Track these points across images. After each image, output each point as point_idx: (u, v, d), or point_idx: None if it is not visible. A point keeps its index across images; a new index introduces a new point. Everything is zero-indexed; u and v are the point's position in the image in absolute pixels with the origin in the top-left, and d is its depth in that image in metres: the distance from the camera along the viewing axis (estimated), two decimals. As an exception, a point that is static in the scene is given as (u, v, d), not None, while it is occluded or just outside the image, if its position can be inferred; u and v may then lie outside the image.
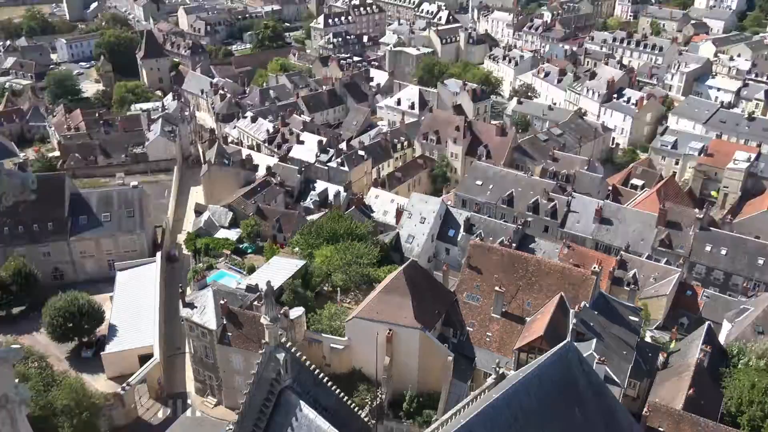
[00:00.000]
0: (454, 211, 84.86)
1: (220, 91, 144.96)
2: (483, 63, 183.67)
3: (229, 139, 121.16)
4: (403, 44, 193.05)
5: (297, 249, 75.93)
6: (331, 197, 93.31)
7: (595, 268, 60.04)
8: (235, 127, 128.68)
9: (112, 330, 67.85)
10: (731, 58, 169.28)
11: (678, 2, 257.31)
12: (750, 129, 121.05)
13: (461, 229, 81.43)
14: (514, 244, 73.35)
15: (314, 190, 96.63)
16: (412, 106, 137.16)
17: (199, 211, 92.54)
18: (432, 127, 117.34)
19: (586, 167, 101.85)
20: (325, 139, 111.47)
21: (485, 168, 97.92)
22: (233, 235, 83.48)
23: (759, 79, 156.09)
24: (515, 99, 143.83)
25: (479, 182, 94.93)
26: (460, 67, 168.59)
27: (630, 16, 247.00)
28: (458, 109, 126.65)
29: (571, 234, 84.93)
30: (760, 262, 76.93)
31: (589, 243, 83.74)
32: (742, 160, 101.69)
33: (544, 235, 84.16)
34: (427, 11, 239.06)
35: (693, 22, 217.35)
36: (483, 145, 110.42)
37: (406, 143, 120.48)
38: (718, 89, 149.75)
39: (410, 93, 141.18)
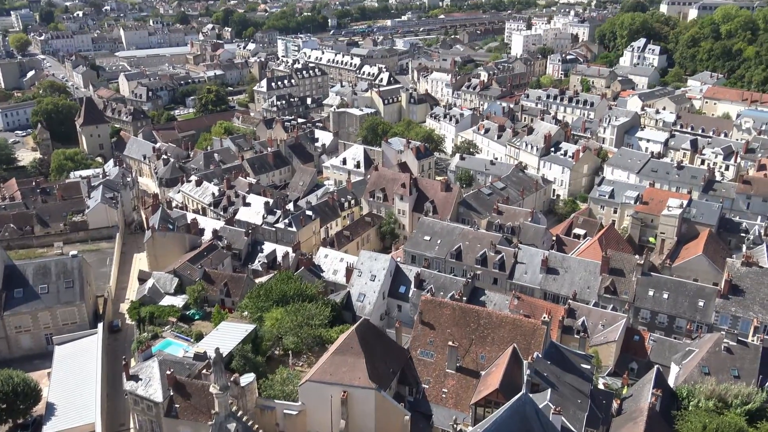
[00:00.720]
0: (404, 267, 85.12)
1: (163, 156, 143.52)
2: (425, 121, 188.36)
3: (174, 204, 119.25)
4: (346, 105, 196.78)
5: (246, 313, 74.24)
6: (279, 258, 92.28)
7: (545, 317, 60.86)
8: (179, 192, 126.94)
9: (51, 409, 63.91)
10: (657, 111, 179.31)
11: (604, 60, 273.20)
12: (680, 177, 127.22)
13: (412, 285, 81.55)
14: (464, 298, 73.80)
15: (262, 252, 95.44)
16: (357, 165, 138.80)
17: (142, 278, 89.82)
18: (378, 184, 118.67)
19: (530, 219, 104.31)
20: (271, 201, 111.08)
21: (432, 223, 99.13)
22: (179, 301, 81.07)
23: (684, 130, 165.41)
24: (458, 155, 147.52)
25: (427, 237, 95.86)
26: (403, 126, 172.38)
27: (561, 74, 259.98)
28: (403, 167, 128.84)
29: (520, 285, 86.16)
30: (701, 304, 79.53)
31: (537, 293, 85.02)
32: (676, 207, 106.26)
33: (494, 287, 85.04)
34: (369, 73, 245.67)
35: (620, 78, 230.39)
36: (429, 201, 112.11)
37: (353, 202, 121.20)
38: (648, 140, 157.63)
39: (355, 152, 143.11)
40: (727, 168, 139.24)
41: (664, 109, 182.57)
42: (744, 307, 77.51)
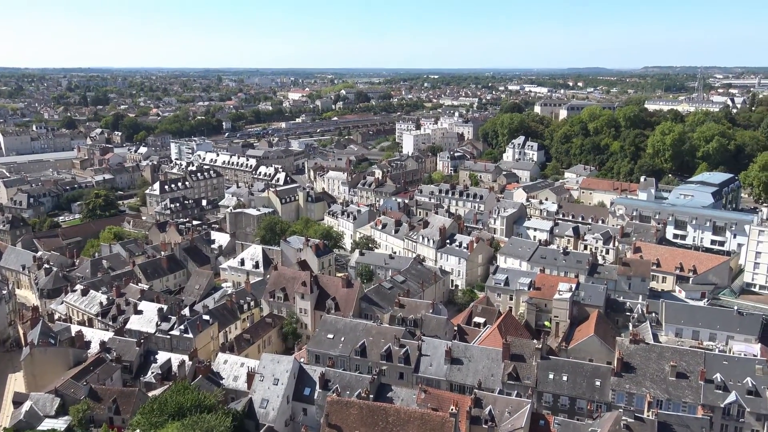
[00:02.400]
0: (308, 368, 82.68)
1: (45, 265, 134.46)
2: (323, 219, 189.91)
3: (56, 316, 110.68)
4: (243, 206, 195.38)
5: (138, 431, 68.43)
6: (175, 368, 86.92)
7: (452, 409, 60.51)
8: (62, 303, 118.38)
9: None
10: (540, 202, 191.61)
11: (489, 156, 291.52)
12: (566, 262, 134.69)
13: (317, 386, 79.03)
14: (371, 396, 72.24)
15: (156, 363, 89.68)
16: (256, 265, 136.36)
17: (18, 401, 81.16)
18: (278, 284, 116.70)
19: (431, 310, 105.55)
20: (165, 307, 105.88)
21: (335, 320, 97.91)
22: (61, 424, 73.69)
23: (566, 218, 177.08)
24: (357, 251, 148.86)
25: (330, 335, 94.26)
26: (302, 224, 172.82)
27: (451, 170, 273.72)
28: (303, 265, 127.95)
29: (426, 378, 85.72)
30: (598, 383, 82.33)
31: (443, 384, 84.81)
32: (566, 291, 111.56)
33: (400, 382, 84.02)
34: (265, 173, 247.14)
35: (504, 173, 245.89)
36: (331, 298, 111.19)
37: (252, 303, 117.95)
38: (535, 229, 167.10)
39: (253, 252, 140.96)
40: (607, 252, 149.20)
41: (546, 199, 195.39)
42: (637, 384, 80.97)
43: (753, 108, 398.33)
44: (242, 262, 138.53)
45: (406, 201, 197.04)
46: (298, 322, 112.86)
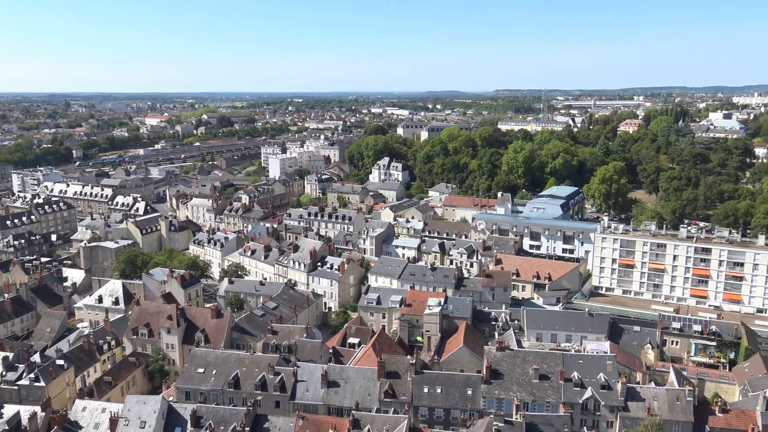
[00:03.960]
0: (178, 406, 78.36)
1: None
2: (188, 248, 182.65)
3: None
4: (99, 239, 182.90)
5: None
6: (25, 422, 78.64)
7: (331, 433, 59.96)
8: None
9: None
10: (407, 221, 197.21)
11: (356, 178, 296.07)
12: (434, 277, 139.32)
13: (188, 425, 75.04)
14: (247, 429, 69.89)
15: (2, 418, 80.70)
16: (116, 302, 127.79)
17: None
18: (141, 320, 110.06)
19: (305, 335, 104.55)
20: (11, 355, 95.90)
21: (205, 353, 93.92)
22: None
23: (432, 235, 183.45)
24: (226, 279, 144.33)
25: (201, 370, 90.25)
26: (165, 255, 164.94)
27: (319, 192, 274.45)
28: (168, 298, 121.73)
29: (303, 404, 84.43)
30: (469, 392, 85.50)
31: (321, 409, 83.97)
32: (435, 305, 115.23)
33: (277, 411, 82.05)
34: (123, 204, 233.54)
35: (371, 193, 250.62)
36: (200, 330, 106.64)
37: (113, 342, 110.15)
38: (403, 247, 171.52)
39: (112, 288, 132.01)
40: (471, 265, 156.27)
41: (413, 218, 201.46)
42: (505, 389, 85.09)
43: (591, 127, 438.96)
44: (100, 299, 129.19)
45: (275, 225, 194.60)
46: (165, 358, 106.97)
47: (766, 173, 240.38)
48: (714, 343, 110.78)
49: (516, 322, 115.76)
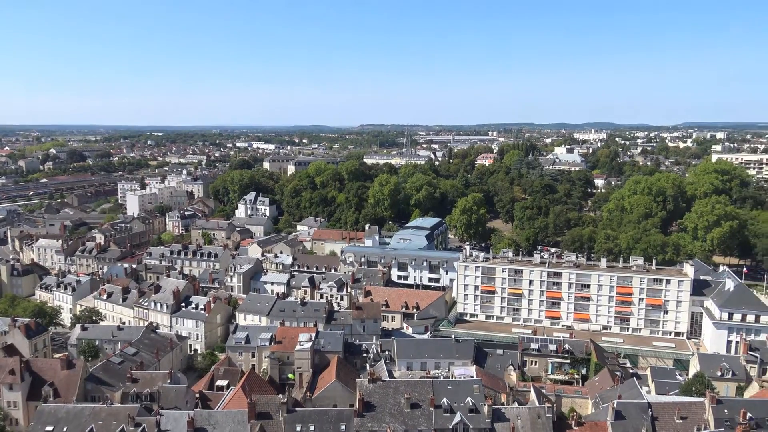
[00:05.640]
0: (22, 470, 70.53)
1: None
2: (34, 294, 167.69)
3: None
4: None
5: None
6: None
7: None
8: None
9: None
10: (276, 256, 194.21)
11: (222, 214, 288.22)
12: (305, 312, 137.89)
13: (34, 491, 67.61)
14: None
15: None
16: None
17: None
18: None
19: (169, 381, 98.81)
20: None
21: (55, 409, 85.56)
22: None
23: (301, 269, 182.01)
24: (79, 326, 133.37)
25: (50, 428, 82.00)
26: (6, 303, 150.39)
27: (182, 229, 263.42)
28: (10, 350, 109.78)
29: (167, 455, 79.23)
30: (343, 427, 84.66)
31: (187, 459, 79.24)
32: (306, 341, 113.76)
33: (138, 466, 76.22)
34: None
35: (238, 229, 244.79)
36: (48, 384, 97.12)
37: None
38: (272, 283, 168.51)
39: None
40: (341, 298, 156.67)
41: (281, 253, 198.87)
42: (378, 421, 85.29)
43: (451, 160, 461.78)
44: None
45: (134, 266, 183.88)
46: (6, 418, 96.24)
47: (605, 202, 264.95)
48: (568, 361, 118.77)
49: (387, 352, 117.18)
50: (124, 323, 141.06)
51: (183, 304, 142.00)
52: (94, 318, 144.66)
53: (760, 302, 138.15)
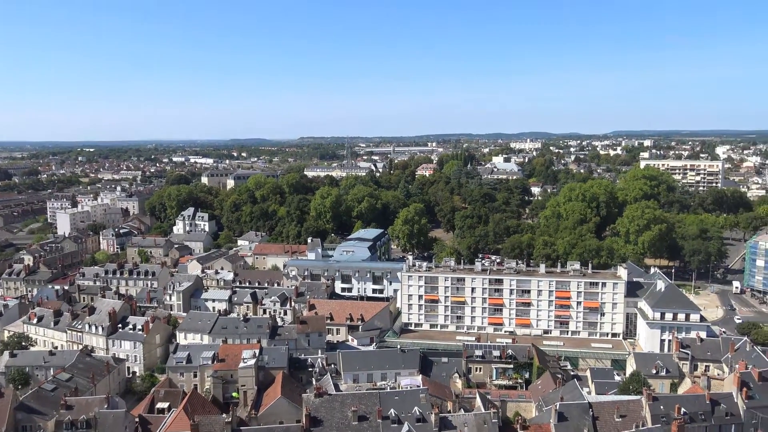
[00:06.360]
0: None
1: None
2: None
3: None
4: None
5: None
6: None
7: None
8: None
9: None
10: (216, 272, 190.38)
11: (159, 231, 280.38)
12: (248, 329, 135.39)
13: None
14: None
15: None
16: None
17: None
18: None
19: (106, 406, 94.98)
20: None
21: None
22: None
23: (243, 285, 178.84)
24: (6, 353, 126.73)
25: (-24, 462, 77.50)
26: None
27: (117, 248, 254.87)
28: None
29: (106, 484, 76.04)
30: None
31: (127, 486, 76.22)
32: (250, 358, 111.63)
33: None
34: None
35: (176, 246, 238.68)
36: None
37: None
38: (213, 300, 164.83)
39: None
40: (285, 313, 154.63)
41: (222, 269, 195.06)
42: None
43: (392, 171, 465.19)
44: None
45: (66, 287, 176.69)
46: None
47: (542, 209, 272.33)
48: (511, 366, 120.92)
49: (332, 366, 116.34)
50: (56, 348, 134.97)
51: (120, 326, 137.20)
52: (23, 344, 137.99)
53: (689, 301, 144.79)
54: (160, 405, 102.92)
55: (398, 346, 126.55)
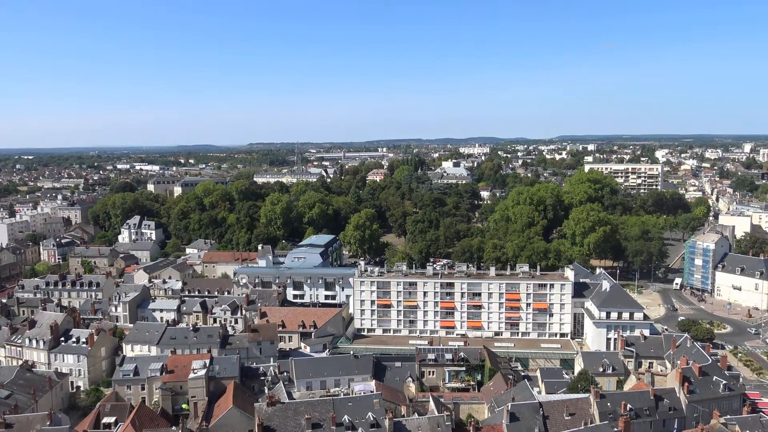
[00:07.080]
0: None
1: None
2: None
3: None
4: None
5: None
6: None
7: None
8: None
9: None
10: (164, 281, 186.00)
11: (103, 240, 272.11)
12: (198, 339, 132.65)
13: None
14: None
15: None
16: None
17: None
18: None
19: (48, 423, 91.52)
20: None
21: None
22: None
23: (192, 294, 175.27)
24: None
25: None
26: None
27: (59, 258, 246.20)
28: None
29: (49, 504, 73.12)
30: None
31: (72, 506, 73.51)
32: (200, 368, 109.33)
33: None
34: None
35: (122, 255, 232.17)
36: None
37: None
38: (161, 310, 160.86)
39: None
40: (236, 321, 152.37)
41: (170, 278, 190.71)
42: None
43: (342, 177, 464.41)
44: None
45: (5, 300, 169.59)
46: None
47: (491, 213, 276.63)
48: (463, 369, 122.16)
49: (285, 374, 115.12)
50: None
51: (62, 339, 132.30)
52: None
53: (633, 300, 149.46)
54: (106, 420, 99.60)
55: (351, 352, 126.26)
